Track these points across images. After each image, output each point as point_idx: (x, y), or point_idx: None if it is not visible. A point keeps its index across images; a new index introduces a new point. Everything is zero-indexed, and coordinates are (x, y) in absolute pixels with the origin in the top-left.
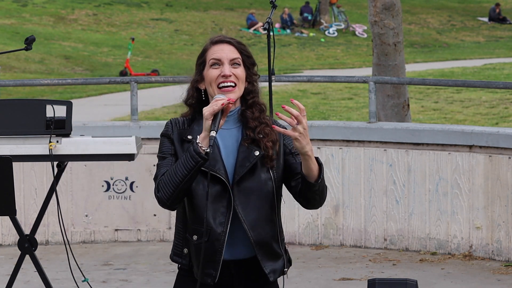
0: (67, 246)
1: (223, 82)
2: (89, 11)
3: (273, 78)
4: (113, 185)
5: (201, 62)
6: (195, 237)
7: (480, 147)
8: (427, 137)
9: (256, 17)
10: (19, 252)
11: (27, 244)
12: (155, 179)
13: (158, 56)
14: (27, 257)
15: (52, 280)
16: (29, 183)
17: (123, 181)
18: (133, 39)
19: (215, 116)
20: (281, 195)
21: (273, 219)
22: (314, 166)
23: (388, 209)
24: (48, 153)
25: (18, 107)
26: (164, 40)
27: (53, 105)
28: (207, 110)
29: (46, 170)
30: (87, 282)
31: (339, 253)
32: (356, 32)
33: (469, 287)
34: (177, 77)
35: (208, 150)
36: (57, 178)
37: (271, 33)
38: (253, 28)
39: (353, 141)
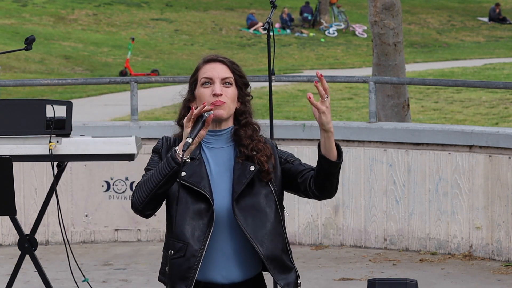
0: (67, 246)
1: (214, 100)
2: (89, 11)
3: (273, 78)
4: (113, 185)
5: (193, 81)
6: (171, 252)
7: (480, 147)
8: (427, 137)
9: (256, 17)
10: (19, 252)
11: (27, 244)
12: (136, 186)
13: (158, 56)
14: (27, 257)
15: (52, 280)
16: (29, 183)
17: (123, 181)
18: (133, 39)
19: (195, 124)
20: (283, 207)
21: (281, 232)
22: (334, 145)
23: (388, 209)
24: (48, 153)
25: (18, 107)
26: (164, 40)
27: (53, 105)
28: (185, 118)
29: (46, 170)
30: (87, 282)
31: (339, 253)
32: (356, 32)
33: (469, 287)
34: (177, 77)
35: (186, 158)
36: (57, 178)
37: (271, 33)
38: (253, 28)
39: (353, 141)
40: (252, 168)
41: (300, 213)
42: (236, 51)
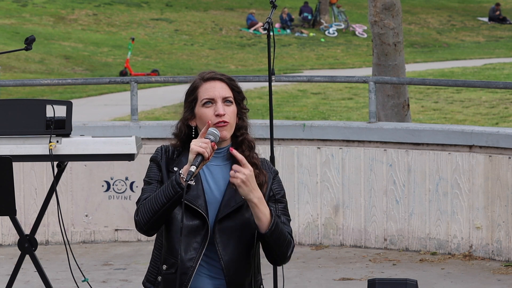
0: (67, 246)
1: (217, 121)
2: (89, 11)
3: (273, 78)
4: (113, 185)
5: (192, 100)
6: (164, 267)
7: (480, 147)
8: (427, 137)
9: (256, 17)
10: (19, 252)
11: (27, 244)
12: (137, 202)
13: (158, 56)
14: (27, 257)
15: (52, 280)
16: (29, 183)
17: (123, 181)
18: (133, 39)
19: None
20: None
21: (250, 261)
22: (264, 216)
23: (388, 209)
24: (48, 153)
25: (18, 107)
26: (164, 40)
27: (53, 105)
28: (194, 145)
29: (46, 170)
30: (87, 282)
31: (339, 253)
32: (356, 32)
33: (469, 287)
34: (177, 77)
35: (191, 182)
36: (57, 178)
37: (271, 33)
38: (253, 28)
39: (353, 141)
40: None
41: (300, 213)
42: (236, 51)
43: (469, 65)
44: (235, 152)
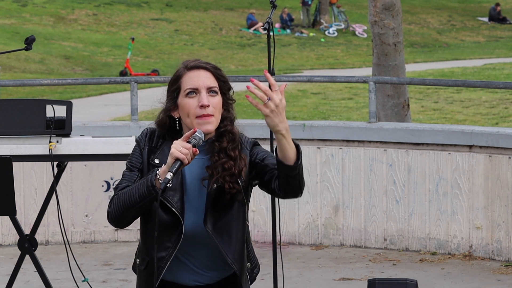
0: (67, 246)
1: (201, 114)
2: (89, 11)
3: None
4: (113, 185)
5: (175, 89)
6: (138, 260)
7: (480, 147)
8: (427, 137)
9: (256, 17)
10: (19, 252)
11: (27, 244)
12: (115, 189)
13: (158, 56)
14: (27, 257)
15: (52, 280)
16: (29, 183)
17: None
18: (133, 39)
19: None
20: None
21: (244, 243)
22: (291, 148)
23: (388, 209)
24: (48, 153)
25: (18, 107)
26: (164, 40)
27: (53, 105)
28: (175, 149)
29: (46, 170)
30: (87, 282)
31: (339, 253)
32: (356, 32)
33: (469, 287)
34: None
35: (169, 184)
36: (57, 178)
37: (271, 33)
38: (253, 28)
39: (353, 141)
40: (215, 186)
41: (300, 213)
42: (236, 51)
43: (469, 65)
44: (268, 75)
